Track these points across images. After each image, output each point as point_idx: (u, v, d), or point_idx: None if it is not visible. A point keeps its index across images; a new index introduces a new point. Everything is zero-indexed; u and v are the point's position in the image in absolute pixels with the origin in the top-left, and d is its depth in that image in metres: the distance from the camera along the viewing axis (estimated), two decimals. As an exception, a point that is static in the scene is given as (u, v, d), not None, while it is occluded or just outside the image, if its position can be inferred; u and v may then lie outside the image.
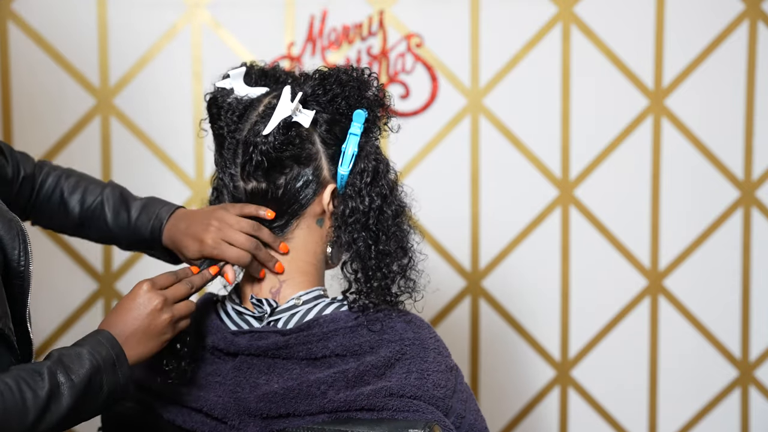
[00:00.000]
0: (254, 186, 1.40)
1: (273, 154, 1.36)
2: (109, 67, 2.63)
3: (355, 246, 1.40)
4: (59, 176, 1.60)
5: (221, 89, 1.43)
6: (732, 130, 2.77)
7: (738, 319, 2.82)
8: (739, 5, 2.73)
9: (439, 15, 2.68)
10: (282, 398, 1.33)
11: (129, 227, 1.55)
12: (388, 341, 1.36)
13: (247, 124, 1.39)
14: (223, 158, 1.42)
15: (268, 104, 1.39)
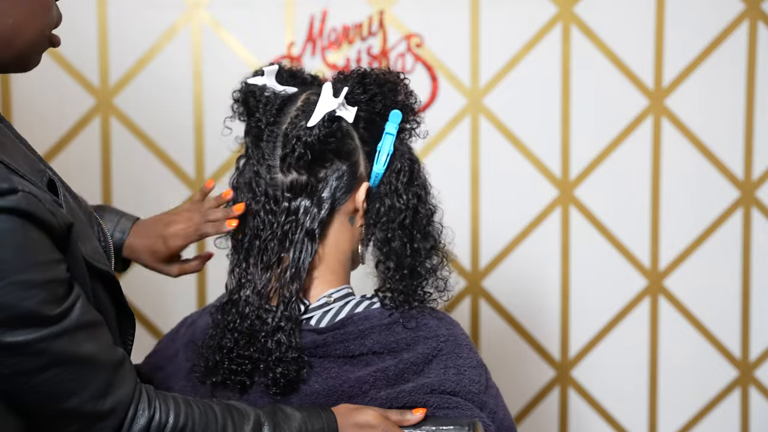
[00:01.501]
0: (294, 178, 1.39)
1: (316, 146, 1.37)
2: (109, 67, 2.63)
3: (391, 244, 1.41)
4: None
5: (255, 85, 1.45)
6: (732, 130, 2.77)
7: (738, 319, 2.82)
8: (739, 5, 2.73)
9: (439, 15, 2.68)
10: (325, 398, 1.34)
11: None
12: (424, 338, 1.38)
13: (286, 117, 1.40)
14: (259, 151, 1.42)
15: (307, 99, 1.41)
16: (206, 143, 2.66)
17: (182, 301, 2.70)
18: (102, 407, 1.16)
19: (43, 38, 1.22)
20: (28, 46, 1.21)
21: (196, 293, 2.70)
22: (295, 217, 1.39)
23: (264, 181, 1.41)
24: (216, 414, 1.24)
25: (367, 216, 1.43)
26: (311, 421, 1.28)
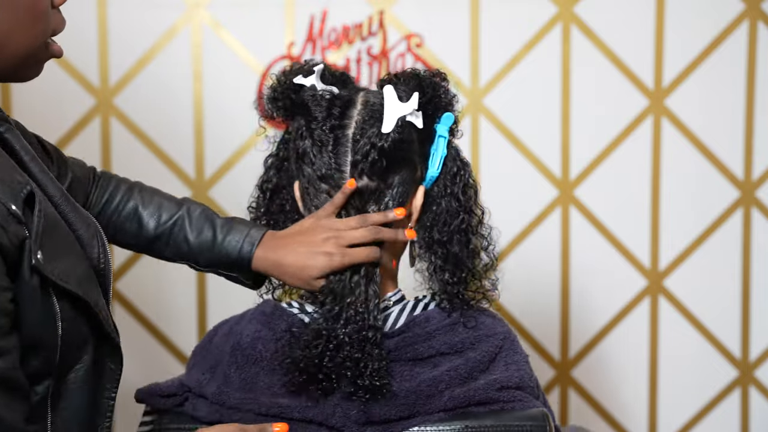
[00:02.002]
0: (365, 184, 1.37)
1: (391, 152, 1.36)
2: (109, 67, 2.63)
3: (448, 247, 1.42)
4: (130, 188, 1.53)
5: (303, 85, 1.41)
6: (732, 130, 2.77)
7: (738, 319, 2.82)
8: (739, 5, 2.73)
9: (439, 15, 2.68)
10: (404, 400, 1.34)
11: (214, 247, 1.45)
12: (485, 336, 1.40)
13: (351, 121, 1.38)
14: (324, 155, 1.37)
15: (366, 102, 1.39)
16: (206, 143, 2.66)
17: (182, 301, 2.70)
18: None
19: (35, 49, 1.19)
20: (19, 57, 1.18)
21: (196, 293, 2.70)
22: None
23: (329, 187, 1.38)
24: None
25: (422, 219, 1.43)
26: None
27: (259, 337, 1.39)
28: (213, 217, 1.48)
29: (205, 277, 2.68)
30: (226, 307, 2.71)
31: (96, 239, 1.29)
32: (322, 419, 1.33)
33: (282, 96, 1.43)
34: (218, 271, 1.46)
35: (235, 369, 1.38)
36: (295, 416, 1.34)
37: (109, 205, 1.52)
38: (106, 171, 1.58)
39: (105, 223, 1.49)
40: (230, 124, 2.66)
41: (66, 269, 1.18)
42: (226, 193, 2.67)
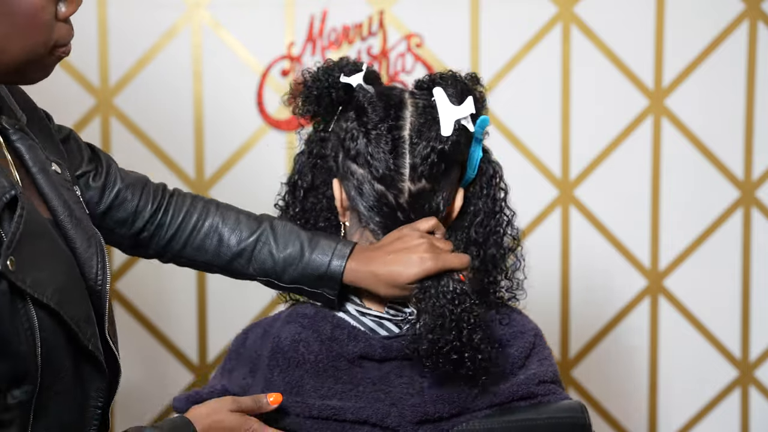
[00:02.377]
0: (422, 187, 1.37)
1: (449, 155, 1.37)
2: (109, 67, 2.63)
3: (485, 246, 1.44)
4: (207, 204, 1.50)
5: (350, 84, 1.41)
6: (732, 130, 2.77)
7: (738, 319, 2.82)
8: (739, 5, 2.73)
9: (439, 15, 2.68)
10: (456, 398, 1.35)
11: (301, 261, 1.41)
12: (519, 333, 1.44)
13: (405, 123, 1.38)
14: (379, 156, 1.36)
15: (416, 104, 1.39)
16: (206, 143, 2.66)
17: (182, 301, 2.70)
18: None
19: (35, 55, 1.18)
20: (19, 63, 1.18)
21: (196, 293, 2.70)
22: None
23: (384, 188, 1.37)
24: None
25: (458, 219, 1.45)
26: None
27: (300, 339, 1.38)
28: (298, 231, 1.45)
29: (205, 277, 2.68)
30: (225, 307, 2.71)
31: (96, 258, 1.28)
32: (377, 420, 1.34)
33: (326, 93, 1.42)
34: (301, 287, 1.42)
35: (278, 372, 1.37)
36: (349, 417, 1.34)
37: (187, 224, 1.48)
38: (180, 189, 1.55)
39: (182, 244, 1.47)
40: (230, 124, 2.66)
41: (43, 279, 1.16)
42: (226, 193, 2.66)
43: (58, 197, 1.27)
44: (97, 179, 1.45)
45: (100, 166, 1.47)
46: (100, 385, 1.27)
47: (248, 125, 2.66)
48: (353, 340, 1.37)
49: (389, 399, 1.35)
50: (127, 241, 1.48)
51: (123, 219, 1.46)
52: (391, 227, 1.39)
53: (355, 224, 1.44)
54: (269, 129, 2.67)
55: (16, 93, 1.35)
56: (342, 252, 1.38)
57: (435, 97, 1.38)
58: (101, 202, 1.45)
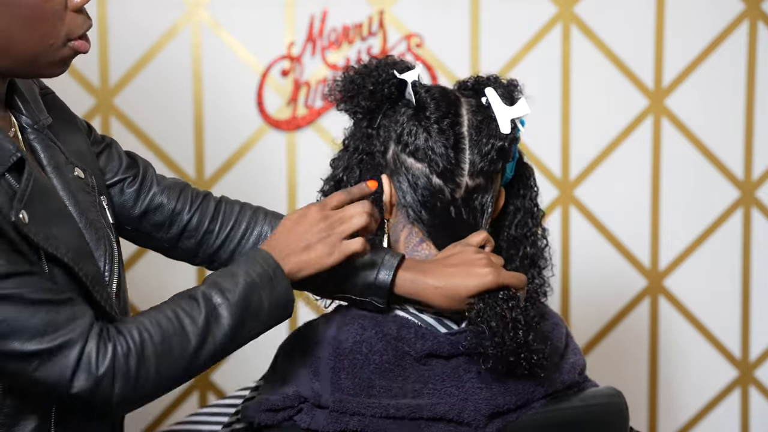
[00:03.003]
0: (478, 183, 1.41)
1: (507, 152, 1.43)
2: (109, 67, 2.63)
3: (524, 244, 1.49)
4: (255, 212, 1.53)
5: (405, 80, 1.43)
6: (732, 130, 2.77)
7: (738, 319, 2.82)
8: (739, 5, 2.73)
9: (439, 15, 2.68)
10: (520, 389, 1.39)
11: (348, 272, 1.42)
12: (555, 325, 1.48)
13: (463, 119, 1.41)
14: (440, 151, 1.39)
15: (469, 101, 1.43)
16: (206, 143, 2.66)
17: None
18: (48, 344, 1.14)
19: (45, 47, 1.20)
20: (27, 56, 1.20)
21: (196, 293, 2.70)
22: (473, 219, 1.43)
23: (441, 182, 1.40)
24: (167, 316, 1.22)
25: (499, 218, 1.49)
26: (251, 267, 1.28)
27: (362, 340, 1.38)
28: None
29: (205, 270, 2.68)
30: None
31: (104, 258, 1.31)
32: (454, 415, 1.35)
33: (380, 88, 1.43)
34: (349, 296, 1.43)
35: (345, 374, 1.37)
36: (426, 415, 1.35)
37: (236, 233, 1.51)
38: (226, 196, 1.57)
39: (230, 253, 1.50)
40: (230, 124, 2.66)
41: (56, 236, 1.21)
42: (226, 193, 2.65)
43: (71, 197, 1.30)
44: (132, 184, 1.49)
45: (137, 172, 1.50)
46: None
47: (248, 125, 2.66)
48: (421, 339, 1.38)
49: (462, 394, 1.37)
50: (170, 246, 1.51)
51: (160, 222, 1.49)
52: (440, 226, 1.41)
53: (403, 221, 1.45)
54: (269, 129, 2.67)
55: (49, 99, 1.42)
56: (390, 263, 1.39)
57: (488, 96, 1.42)
58: (136, 206, 1.48)
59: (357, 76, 1.45)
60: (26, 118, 1.31)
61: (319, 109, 2.65)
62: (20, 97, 1.32)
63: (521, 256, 1.49)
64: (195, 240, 1.50)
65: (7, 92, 1.30)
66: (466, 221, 1.42)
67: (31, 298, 1.14)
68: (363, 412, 1.35)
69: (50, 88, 1.45)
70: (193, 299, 1.24)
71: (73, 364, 1.15)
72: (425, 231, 1.43)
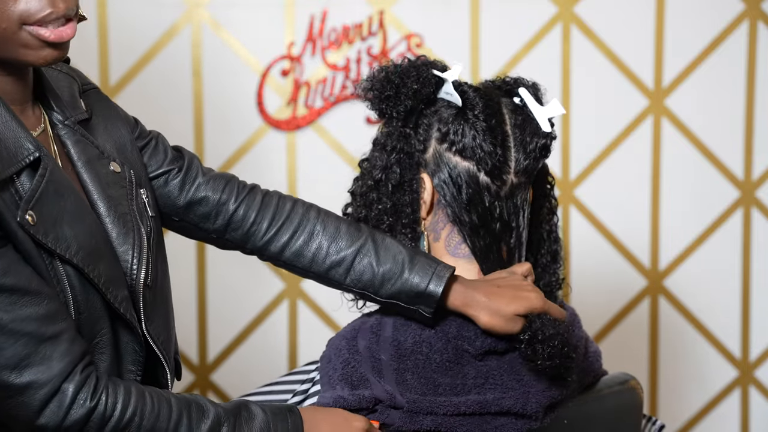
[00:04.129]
0: (521, 181, 1.44)
1: (549, 151, 1.45)
2: (109, 67, 2.63)
3: (550, 239, 1.52)
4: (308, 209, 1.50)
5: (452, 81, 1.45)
6: (732, 130, 2.77)
7: (738, 319, 2.82)
8: (739, 5, 2.73)
9: (439, 15, 2.68)
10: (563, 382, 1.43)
11: (400, 277, 1.41)
12: (573, 315, 1.51)
13: (504, 118, 1.44)
14: (488, 149, 1.41)
15: (505, 102, 1.45)
16: (206, 143, 2.66)
17: (182, 301, 2.70)
18: (14, 380, 1.12)
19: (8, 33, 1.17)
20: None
21: (196, 293, 2.70)
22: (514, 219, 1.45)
23: (488, 180, 1.42)
24: (171, 408, 1.20)
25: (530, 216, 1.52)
26: (276, 421, 1.26)
27: (421, 341, 1.40)
28: (398, 246, 1.44)
29: (206, 276, 2.68)
30: (225, 305, 2.71)
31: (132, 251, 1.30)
32: (519, 408, 1.38)
33: (423, 87, 1.44)
34: (397, 302, 1.42)
35: (411, 375, 1.38)
36: (493, 410, 1.38)
37: (287, 229, 1.47)
38: (278, 191, 1.54)
39: (280, 248, 1.47)
40: (230, 123, 2.66)
41: (67, 237, 1.20)
42: (226, 193, 2.66)
43: (101, 191, 1.30)
44: (177, 176, 1.50)
45: (182, 164, 1.52)
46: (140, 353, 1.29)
47: (248, 125, 2.66)
48: (481, 336, 1.40)
49: (522, 387, 1.40)
50: (217, 237, 1.50)
51: (206, 214, 1.49)
52: (480, 226, 1.43)
53: (444, 219, 1.46)
54: (269, 129, 2.67)
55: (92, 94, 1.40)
56: (441, 273, 1.39)
57: (523, 96, 1.44)
58: (181, 197, 1.49)
59: (395, 76, 1.45)
60: (57, 114, 1.31)
61: (319, 109, 2.65)
62: (50, 93, 1.32)
63: (545, 252, 1.52)
64: (242, 231, 1.48)
65: (36, 88, 1.30)
66: (507, 222, 1.44)
67: (11, 327, 1.12)
68: (436, 411, 1.37)
69: (94, 83, 1.45)
70: (205, 414, 1.22)
71: (37, 406, 1.13)
72: (465, 231, 1.44)
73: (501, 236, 1.45)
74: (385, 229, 1.48)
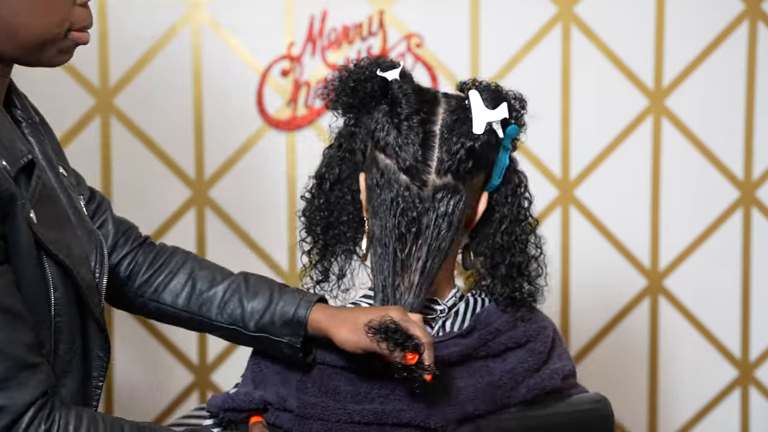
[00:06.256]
0: (447, 182, 1.39)
1: (478, 153, 1.40)
2: (109, 67, 2.63)
3: (510, 252, 1.47)
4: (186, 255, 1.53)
5: (387, 78, 1.43)
6: (732, 130, 2.77)
7: (738, 319, 2.82)
8: (739, 5, 2.73)
9: (439, 15, 2.68)
10: (491, 396, 1.39)
11: (269, 308, 1.42)
12: (541, 328, 1.47)
13: (437, 118, 1.41)
14: (408, 148, 1.38)
15: (449, 101, 1.43)
16: (206, 143, 2.66)
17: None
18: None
19: (50, 35, 1.22)
20: (32, 44, 1.23)
21: (196, 293, 2.70)
22: (437, 226, 1.41)
23: (409, 179, 1.40)
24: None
25: (484, 225, 1.47)
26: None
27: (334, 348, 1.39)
28: (270, 282, 1.46)
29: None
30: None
31: (95, 252, 1.32)
32: (420, 421, 1.35)
33: (362, 86, 1.44)
34: (267, 335, 1.42)
35: (312, 382, 1.39)
36: (391, 421, 1.35)
37: (163, 269, 1.50)
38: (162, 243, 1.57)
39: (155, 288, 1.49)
40: (230, 124, 2.66)
41: (58, 240, 1.22)
42: (226, 193, 2.66)
43: (63, 192, 1.32)
44: (91, 204, 1.49)
45: (94, 198, 1.52)
46: (104, 358, 1.31)
47: (248, 125, 2.66)
48: None
49: (428, 400, 1.36)
50: None
51: None
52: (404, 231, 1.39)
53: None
54: (269, 129, 2.66)
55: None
56: (309, 299, 1.40)
57: (470, 97, 1.41)
58: None
59: (346, 74, 1.46)
60: (20, 111, 1.34)
61: (319, 109, 2.65)
62: (15, 91, 1.34)
63: (507, 264, 1.47)
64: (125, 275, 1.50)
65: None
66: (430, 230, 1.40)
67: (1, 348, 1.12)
68: (327, 417, 1.36)
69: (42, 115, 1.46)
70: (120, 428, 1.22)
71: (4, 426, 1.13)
72: (375, 229, 1.43)
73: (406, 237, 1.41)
74: (319, 224, 1.50)
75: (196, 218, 2.67)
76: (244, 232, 2.64)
